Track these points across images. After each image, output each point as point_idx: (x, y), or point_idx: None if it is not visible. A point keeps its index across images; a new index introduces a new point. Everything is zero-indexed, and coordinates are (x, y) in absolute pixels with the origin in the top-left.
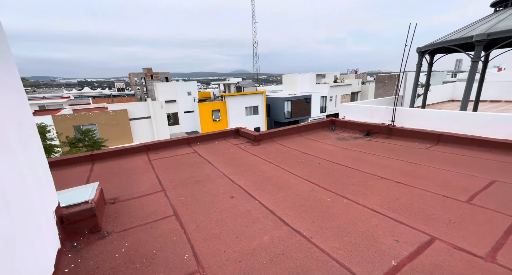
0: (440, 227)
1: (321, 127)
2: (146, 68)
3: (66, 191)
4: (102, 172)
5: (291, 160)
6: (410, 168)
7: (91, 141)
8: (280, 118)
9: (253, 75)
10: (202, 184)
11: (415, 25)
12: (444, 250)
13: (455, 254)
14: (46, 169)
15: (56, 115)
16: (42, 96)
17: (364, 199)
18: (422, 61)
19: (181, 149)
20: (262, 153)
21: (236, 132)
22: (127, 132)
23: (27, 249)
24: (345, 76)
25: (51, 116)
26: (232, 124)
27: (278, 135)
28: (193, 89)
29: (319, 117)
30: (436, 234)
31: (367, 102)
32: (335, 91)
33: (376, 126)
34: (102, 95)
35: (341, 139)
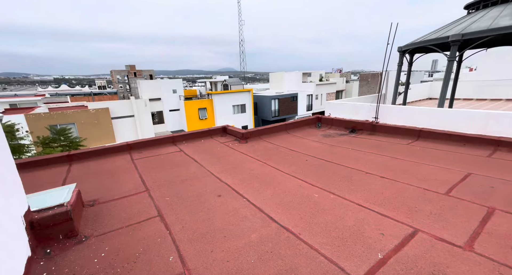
0: (422, 219)
1: (308, 125)
2: (129, 66)
3: (39, 194)
4: (81, 173)
5: (279, 157)
6: (393, 163)
7: (68, 141)
8: (267, 116)
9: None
10: (188, 183)
11: (397, 25)
12: (426, 241)
13: (436, 244)
14: (13, 170)
15: (30, 114)
16: (14, 94)
17: (351, 194)
18: (403, 60)
19: (166, 148)
20: (250, 151)
21: (223, 130)
22: (109, 131)
23: None
24: (330, 75)
25: (23, 115)
26: (219, 122)
27: (266, 133)
28: (179, 87)
29: (305, 115)
30: (419, 226)
31: (352, 99)
32: (320, 89)
33: (360, 123)
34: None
35: (327, 136)
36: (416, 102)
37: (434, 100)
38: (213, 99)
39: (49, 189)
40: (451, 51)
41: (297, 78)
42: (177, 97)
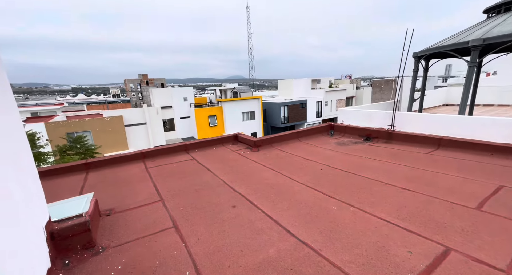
0: (454, 237)
1: (320, 132)
2: (141, 74)
3: (58, 203)
4: (97, 181)
5: (292, 166)
6: (414, 174)
7: (83, 148)
8: (276, 123)
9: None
10: (202, 193)
11: (412, 31)
12: (462, 262)
13: (473, 266)
14: (37, 181)
15: (49, 122)
16: (35, 103)
17: (371, 207)
18: (418, 66)
19: (179, 156)
20: (262, 159)
21: (234, 138)
22: (122, 138)
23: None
24: (340, 81)
25: (43, 123)
26: (229, 129)
27: (278, 141)
28: (189, 95)
29: (315, 122)
30: (451, 245)
31: (365, 106)
32: (330, 96)
33: (375, 130)
34: (97, 101)
35: (341, 144)
36: (432, 109)
37: (452, 106)
38: (223, 106)
39: (67, 197)
40: (471, 56)
41: (306, 85)
42: (187, 105)
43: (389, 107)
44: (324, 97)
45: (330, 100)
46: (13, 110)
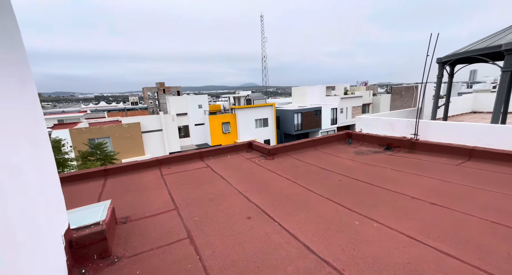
0: (500, 264)
1: (337, 141)
2: (159, 83)
3: (76, 210)
4: (115, 188)
5: (309, 176)
6: (443, 187)
7: (103, 154)
8: (290, 130)
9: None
10: (216, 202)
11: (437, 35)
12: None
13: None
14: (58, 189)
15: (73, 129)
16: (61, 111)
17: (397, 223)
18: (443, 72)
19: (194, 163)
20: (278, 168)
21: (249, 145)
22: (139, 144)
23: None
24: (355, 88)
25: (68, 129)
26: (242, 136)
27: (293, 149)
28: (204, 102)
29: (330, 129)
30: (496, 272)
31: (385, 114)
32: (345, 103)
33: (397, 139)
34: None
35: (360, 153)
36: (458, 116)
37: (480, 114)
38: (236, 113)
39: (86, 204)
40: (505, 60)
41: (320, 92)
42: (202, 112)
43: (410, 114)
44: (339, 104)
45: (346, 107)
46: (39, 120)
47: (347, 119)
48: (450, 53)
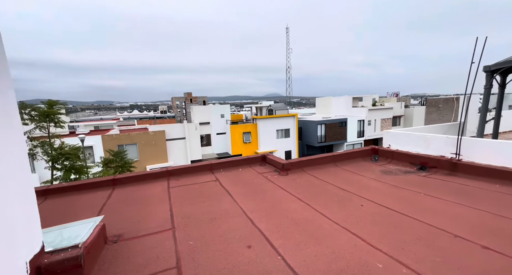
0: None
1: (361, 157)
2: (186, 93)
3: (60, 227)
4: (119, 199)
5: (326, 197)
6: (500, 224)
7: (122, 162)
8: (312, 141)
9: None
10: (217, 224)
11: (485, 39)
12: None
13: None
14: (30, 201)
15: (105, 135)
16: (100, 118)
17: (436, 272)
18: (492, 82)
19: (203, 175)
20: (291, 185)
21: (262, 159)
22: (163, 151)
23: None
24: (385, 99)
25: (100, 136)
26: (263, 146)
27: (310, 164)
28: (226, 112)
29: (356, 142)
30: None
31: (419, 129)
32: (374, 114)
33: (433, 158)
34: (147, 117)
35: (388, 172)
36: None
37: None
38: (258, 123)
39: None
40: None
41: (346, 103)
42: (224, 121)
43: (450, 130)
44: (366, 116)
45: (374, 119)
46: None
47: (375, 132)
48: (501, 60)
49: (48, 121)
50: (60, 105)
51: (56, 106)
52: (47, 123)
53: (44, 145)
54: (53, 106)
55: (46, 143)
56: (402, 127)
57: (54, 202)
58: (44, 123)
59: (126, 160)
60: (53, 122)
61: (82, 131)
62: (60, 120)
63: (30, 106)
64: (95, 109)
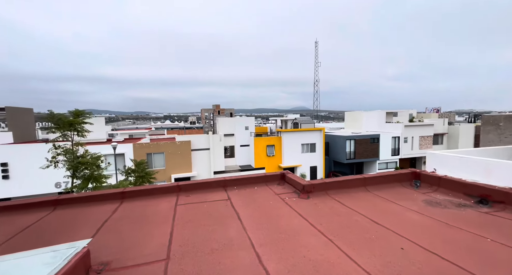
0: None
1: (399, 181)
2: (215, 105)
3: (32, 253)
4: (123, 215)
5: (354, 232)
6: None
7: (143, 173)
8: (340, 158)
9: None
10: (217, 257)
11: None
12: None
13: None
14: None
15: (135, 144)
16: (135, 127)
17: None
18: None
19: (215, 193)
20: (311, 212)
21: (281, 177)
22: (188, 161)
23: None
24: (424, 115)
25: (132, 144)
26: (287, 160)
27: (336, 187)
28: (251, 124)
29: (390, 160)
30: None
31: (473, 151)
32: (411, 131)
33: (499, 191)
34: (178, 127)
35: (434, 204)
36: None
37: None
38: (282, 136)
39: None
40: None
41: (379, 118)
42: (248, 134)
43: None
44: (402, 132)
45: (411, 137)
46: None
47: (412, 150)
48: None
49: (71, 130)
50: (85, 114)
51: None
52: (71, 131)
53: (67, 153)
54: (78, 116)
55: (69, 151)
56: (446, 146)
57: (61, 213)
58: (68, 131)
59: (147, 171)
60: (76, 131)
61: (117, 139)
62: (83, 129)
63: (58, 115)
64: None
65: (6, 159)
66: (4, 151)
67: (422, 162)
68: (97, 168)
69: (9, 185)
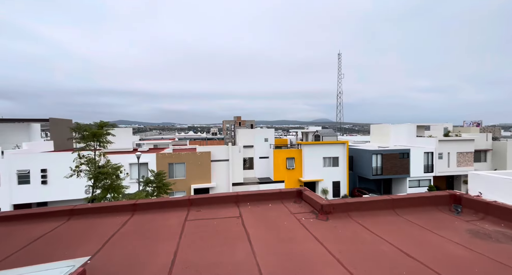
0: None
1: (435, 205)
2: (236, 117)
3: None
4: (131, 229)
5: (380, 265)
6: None
7: (161, 183)
8: (366, 173)
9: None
10: None
11: None
12: None
13: None
14: None
15: (159, 153)
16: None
17: None
18: None
19: (226, 208)
20: (330, 237)
21: (298, 194)
22: (207, 172)
23: None
24: (462, 129)
25: (155, 154)
26: (307, 174)
27: (359, 209)
28: (270, 136)
29: (422, 177)
30: None
31: None
32: (447, 146)
33: None
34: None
35: (483, 236)
36: None
37: None
38: (302, 149)
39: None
40: None
41: (408, 132)
42: (267, 145)
43: None
44: (436, 148)
45: (447, 152)
46: None
47: (449, 167)
48: None
49: (94, 141)
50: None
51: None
52: (94, 142)
53: (89, 163)
54: (102, 127)
55: (91, 161)
56: (490, 164)
57: (74, 224)
58: (91, 142)
59: (165, 182)
60: (99, 142)
61: (143, 149)
62: (106, 140)
63: (83, 126)
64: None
65: (45, 166)
66: (44, 158)
67: (461, 181)
68: (116, 178)
69: (47, 189)
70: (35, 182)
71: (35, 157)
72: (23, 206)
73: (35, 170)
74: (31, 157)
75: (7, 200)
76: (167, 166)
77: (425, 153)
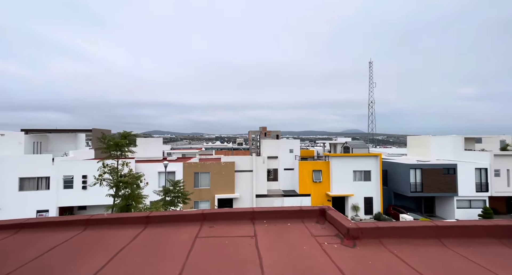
0: None
1: (496, 236)
2: (261, 127)
3: None
4: (141, 243)
5: None
6: None
7: (179, 193)
8: (403, 190)
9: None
10: None
11: None
12: None
13: None
14: None
15: (185, 163)
16: (190, 147)
17: None
18: None
19: (240, 226)
20: (356, 269)
21: (321, 213)
22: (231, 182)
23: None
24: None
25: (182, 163)
26: (335, 188)
27: (394, 235)
28: (296, 147)
29: (474, 197)
30: None
31: None
32: (505, 162)
33: None
34: (226, 148)
35: None
36: None
37: None
38: (330, 161)
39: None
40: None
41: (454, 144)
42: (293, 157)
43: None
44: (491, 163)
45: (506, 169)
46: None
47: (510, 187)
48: None
49: (117, 150)
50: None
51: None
52: (116, 152)
53: (112, 172)
54: (126, 137)
55: (114, 170)
56: None
57: (88, 235)
58: (114, 151)
59: (183, 191)
60: (121, 151)
61: (171, 158)
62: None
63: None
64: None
65: (85, 172)
66: (85, 165)
67: None
68: (136, 187)
69: (86, 194)
70: (77, 187)
71: (77, 164)
72: (67, 208)
73: (78, 176)
74: (74, 163)
75: (54, 203)
76: (192, 175)
77: (476, 169)
